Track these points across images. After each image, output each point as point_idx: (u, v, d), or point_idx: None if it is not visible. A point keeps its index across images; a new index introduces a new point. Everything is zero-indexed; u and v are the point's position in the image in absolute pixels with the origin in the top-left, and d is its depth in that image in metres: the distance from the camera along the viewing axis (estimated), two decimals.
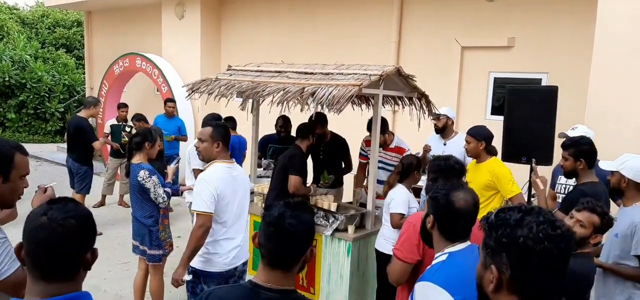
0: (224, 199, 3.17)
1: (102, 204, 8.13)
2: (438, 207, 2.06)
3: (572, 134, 3.92)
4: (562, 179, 3.95)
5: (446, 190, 2.07)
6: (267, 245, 1.65)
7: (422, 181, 4.33)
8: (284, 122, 5.62)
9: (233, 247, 3.28)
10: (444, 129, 5.02)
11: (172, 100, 8.05)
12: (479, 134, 4.06)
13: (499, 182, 3.94)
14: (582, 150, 3.34)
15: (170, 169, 4.45)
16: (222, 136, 3.23)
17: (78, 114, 6.94)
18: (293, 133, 5.71)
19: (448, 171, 2.90)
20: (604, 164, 3.15)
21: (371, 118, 4.85)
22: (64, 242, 1.38)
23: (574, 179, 3.79)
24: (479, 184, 3.91)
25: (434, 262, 2.04)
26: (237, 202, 3.29)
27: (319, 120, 5.03)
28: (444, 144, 4.98)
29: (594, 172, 3.38)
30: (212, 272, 3.23)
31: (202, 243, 3.13)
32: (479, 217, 3.50)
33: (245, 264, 3.43)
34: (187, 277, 3.23)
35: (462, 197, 2.04)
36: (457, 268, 1.94)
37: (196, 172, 5.64)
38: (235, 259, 3.30)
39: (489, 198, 3.97)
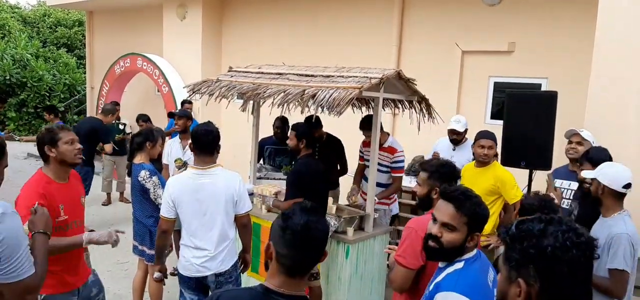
0: (179, 206, 3.19)
1: (108, 201, 8.22)
2: (480, 224, 2.01)
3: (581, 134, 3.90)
4: (557, 182, 3.95)
5: (483, 205, 2.03)
6: (291, 256, 1.59)
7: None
8: (281, 123, 5.62)
9: (199, 256, 3.22)
10: (460, 140, 4.99)
11: (190, 102, 8.07)
12: (495, 140, 4.07)
13: (503, 187, 3.93)
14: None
15: (175, 172, 4.48)
16: (192, 139, 3.28)
17: (96, 116, 7.11)
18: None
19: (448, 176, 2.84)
20: (585, 172, 3.05)
21: (364, 116, 4.85)
22: None
23: (569, 182, 3.80)
24: (483, 188, 3.87)
25: (449, 270, 2.01)
26: (205, 210, 3.18)
27: (315, 123, 5.06)
28: (453, 150, 4.96)
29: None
30: (181, 274, 3.32)
31: (161, 244, 3.38)
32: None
33: (221, 275, 3.28)
34: (157, 275, 3.51)
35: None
36: (475, 274, 1.94)
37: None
38: (203, 268, 3.23)
39: (491, 202, 3.96)
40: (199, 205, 3.18)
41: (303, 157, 4.11)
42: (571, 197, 3.76)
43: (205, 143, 3.23)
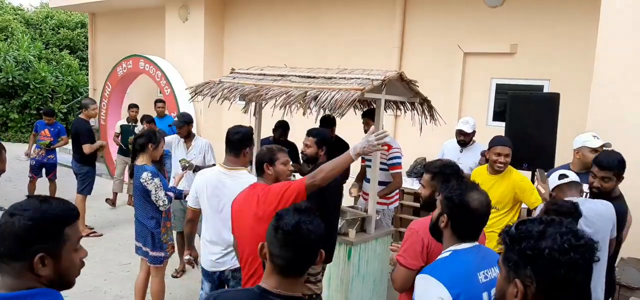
0: (200, 199, 3.35)
1: (113, 202, 8.21)
2: (452, 206, 2.04)
3: (599, 143, 3.77)
4: None
5: (461, 190, 2.05)
6: (283, 255, 1.61)
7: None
8: (283, 130, 5.61)
9: (214, 252, 3.31)
10: (468, 141, 4.93)
11: (162, 101, 8.14)
12: (512, 146, 3.90)
13: (523, 193, 3.83)
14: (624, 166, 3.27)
15: (178, 175, 4.47)
16: (226, 140, 3.36)
17: (79, 116, 7.03)
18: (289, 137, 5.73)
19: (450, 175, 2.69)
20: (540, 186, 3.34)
21: (367, 109, 4.84)
22: (3, 238, 1.39)
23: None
24: (500, 196, 3.83)
25: (437, 258, 2.07)
26: (221, 208, 3.25)
27: (329, 123, 5.06)
28: (460, 152, 4.89)
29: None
30: (202, 268, 3.42)
31: (187, 231, 3.55)
32: (495, 229, 3.43)
33: (238, 271, 3.27)
34: (187, 258, 3.61)
35: (476, 197, 2.03)
36: (458, 264, 1.95)
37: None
38: (218, 264, 3.32)
39: (508, 210, 3.89)
40: (217, 201, 3.26)
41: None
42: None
43: (231, 142, 3.31)
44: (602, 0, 4.52)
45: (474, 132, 4.93)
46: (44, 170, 7.62)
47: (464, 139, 4.90)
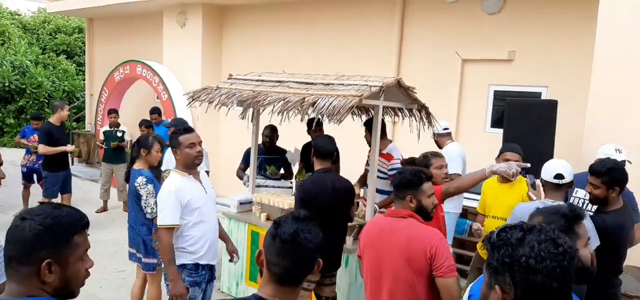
0: None
1: (104, 209, 8.13)
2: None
3: (621, 158, 3.67)
4: (580, 193, 3.87)
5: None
6: (281, 264, 1.59)
7: None
8: (271, 132, 5.58)
9: None
10: (437, 143, 5.09)
11: (156, 112, 7.98)
12: (522, 153, 3.85)
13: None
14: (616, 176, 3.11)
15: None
16: None
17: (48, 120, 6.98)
18: (278, 143, 5.73)
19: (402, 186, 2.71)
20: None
21: (369, 118, 4.83)
22: (14, 242, 1.43)
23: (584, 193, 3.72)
24: (509, 206, 3.69)
25: None
26: None
27: (310, 125, 5.13)
28: None
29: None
30: None
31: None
32: None
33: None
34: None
35: None
36: None
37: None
38: None
39: None
40: None
41: (317, 172, 3.76)
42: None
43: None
44: (599, 7, 4.53)
45: (448, 134, 5.04)
46: (35, 176, 7.57)
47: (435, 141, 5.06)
